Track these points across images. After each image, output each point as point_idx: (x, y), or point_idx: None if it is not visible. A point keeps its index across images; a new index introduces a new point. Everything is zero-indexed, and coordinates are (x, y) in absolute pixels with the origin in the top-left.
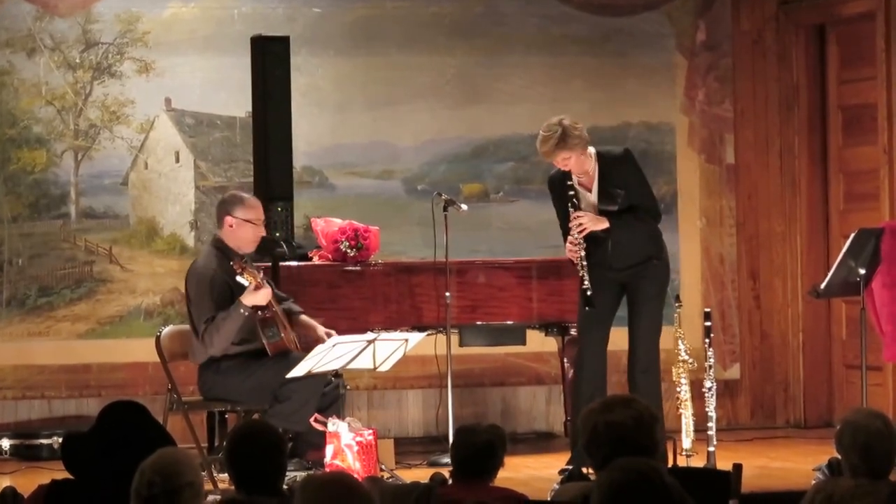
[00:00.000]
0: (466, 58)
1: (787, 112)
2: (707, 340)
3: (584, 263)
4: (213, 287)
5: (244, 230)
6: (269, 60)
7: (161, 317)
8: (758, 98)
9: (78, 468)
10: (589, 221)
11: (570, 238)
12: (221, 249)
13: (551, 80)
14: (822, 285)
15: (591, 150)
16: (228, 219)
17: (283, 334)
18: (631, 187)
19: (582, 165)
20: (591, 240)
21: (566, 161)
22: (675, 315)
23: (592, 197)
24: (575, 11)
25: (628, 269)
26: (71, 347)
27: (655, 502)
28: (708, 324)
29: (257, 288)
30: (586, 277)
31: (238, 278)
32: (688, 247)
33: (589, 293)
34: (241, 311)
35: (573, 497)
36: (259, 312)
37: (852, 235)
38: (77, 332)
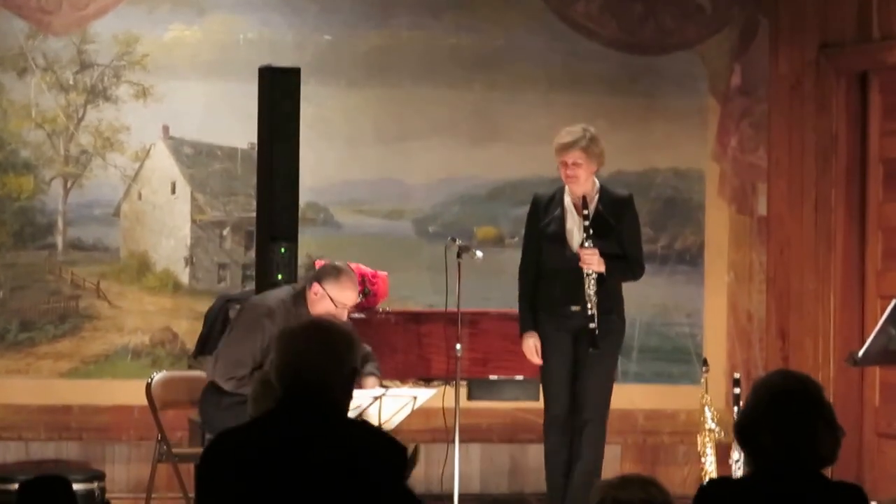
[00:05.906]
0: (485, 93)
1: (824, 163)
2: (736, 408)
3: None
4: (270, 325)
5: (322, 305)
6: (278, 93)
7: (149, 357)
8: (794, 147)
9: None
10: (596, 262)
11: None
12: (301, 297)
13: (574, 120)
14: (860, 353)
15: (596, 181)
16: (316, 286)
17: None
18: (625, 234)
19: (584, 184)
20: (557, 278)
21: (576, 167)
22: (703, 380)
23: (579, 229)
24: (602, 48)
25: (586, 319)
26: (52, 387)
27: (811, 412)
28: (737, 391)
29: None
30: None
31: None
32: (713, 302)
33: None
34: None
35: None
36: None
37: (893, 301)
38: (59, 371)
